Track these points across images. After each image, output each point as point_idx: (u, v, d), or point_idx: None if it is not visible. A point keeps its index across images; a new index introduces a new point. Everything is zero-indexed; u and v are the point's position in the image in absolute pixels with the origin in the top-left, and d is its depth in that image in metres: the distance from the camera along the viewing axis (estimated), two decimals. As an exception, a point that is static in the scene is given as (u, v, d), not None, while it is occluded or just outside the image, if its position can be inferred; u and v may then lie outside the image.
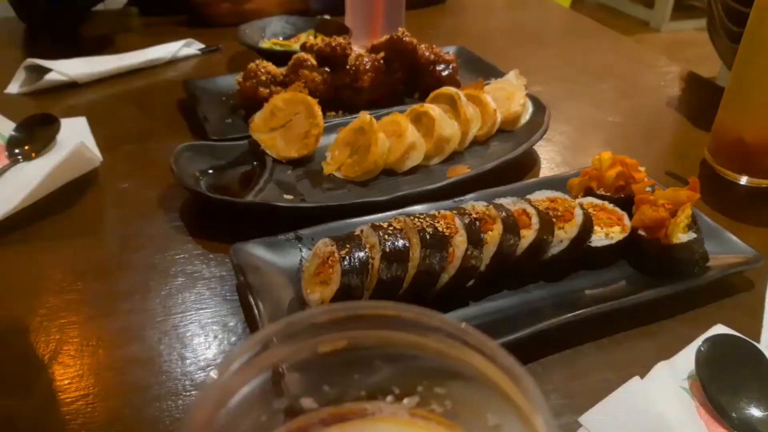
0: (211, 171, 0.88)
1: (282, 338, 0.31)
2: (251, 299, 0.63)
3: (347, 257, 0.62)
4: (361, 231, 0.66)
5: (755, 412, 0.55)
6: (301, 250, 0.71)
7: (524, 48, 1.49)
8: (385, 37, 1.13)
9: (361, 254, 0.62)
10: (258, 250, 0.70)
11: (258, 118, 0.94)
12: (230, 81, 1.10)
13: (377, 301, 0.35)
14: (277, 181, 0.88)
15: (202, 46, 1.37)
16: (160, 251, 0.76)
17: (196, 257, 0.75)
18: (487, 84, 1.07)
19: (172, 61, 1.30)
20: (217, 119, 1.03)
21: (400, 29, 1.13)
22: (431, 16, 1.69)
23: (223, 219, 0.81)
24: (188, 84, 1.14)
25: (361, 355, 0.33)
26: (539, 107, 1.05)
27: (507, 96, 1.04)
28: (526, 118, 1.04)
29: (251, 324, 0.65)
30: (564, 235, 0.70)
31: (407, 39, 1.11)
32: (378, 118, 0.94)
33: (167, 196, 0.86)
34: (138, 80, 1.23)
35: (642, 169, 0.80)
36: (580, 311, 0.64)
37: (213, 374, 0.28)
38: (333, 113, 1.08)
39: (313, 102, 0.93)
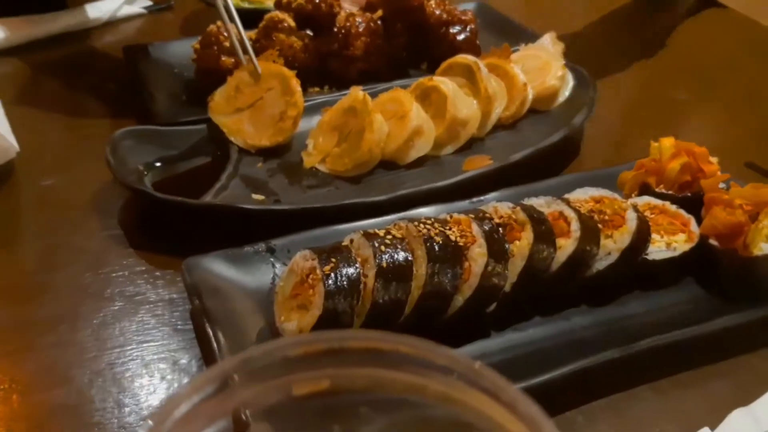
0: (158, 164, 0.88)
1: (245, 376, 0.32)
2: (209, 329, 0.63)
3: (332, 274, 0.62)
4: (351, 241, 0.67)
5: None
6: (273, 266, 0.71)
7: (562, 4, 1.50)
8: (384, -10, 1.13)
9: (351, 271, 0.63)
10: (218, 266, 0.70)
11: (220, 95, 0.94)
12: (185, 48, 1.11)
13: (367, 330, 0.35)
14: (243, 176, 0.88)
15: (148, 2, 1.37)
16: (93, 268, 0.76)
17: (139, 275, 0.75)
18: (514, 51, 1.07)
19: (110, 23, 1.31)
20: (167, 97, 1.04)
21: (402, -20, 1.13)
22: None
23: (173, 226, 0.81)
24: (130, 51, 1.14)
25: (345, 400, 0.33)
26: (582, 80, 1.05)
27: (541, 66, 1.04)
28: (565, 94, 1.05)
29: (209, 361, 0.65)
30: (613, 245, 0.70)
31: (412, -7, 1.12)
32: (374, 95, 0.94)
33: (102, 196, 0.86)
34: (66, 47, 1.23)
35: (714, 159, 0.80)
36: (634, 344, 0.64)
37: (150, 422, 0.28)
38: (316, 89, 1.08)
39: (291, 75, 0.93)
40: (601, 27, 1.40)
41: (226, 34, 1.04)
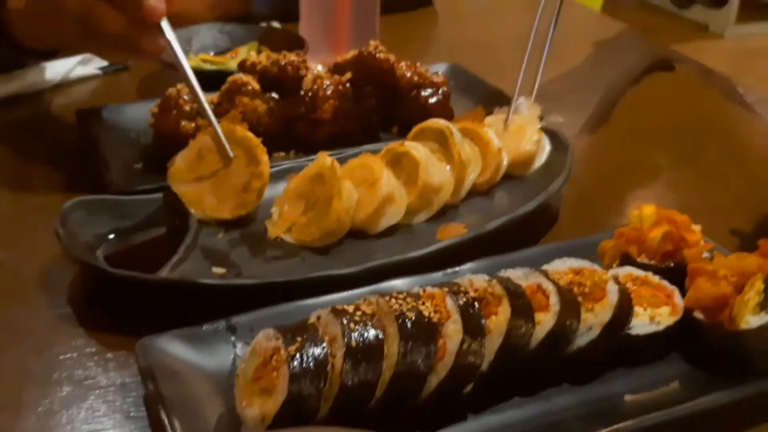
0: (112, 236, 0.88)
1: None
2: (164, 416, 0.62)
3: (298, 355, 0.62)
4: (318, 318, 0.67)
5: None
6: (234, 346, 0.71)
7: (539, 65, 1.54)
8: (353, 52, 1.16)
9: (318, 351, 0.63)
10: (175, 347, 0.69)
11: (181, 160, 0.95)
12: (142, 111, 1.12)
13: (332, 429, 0.35)
14: (203, 248, 0.88)
15: (104, 63, 1.39)
16: (38, 349, 0.75)
17: (89, 357, 0.74)
18: (489, 114, 1.09)
19: (63, 84, 1.32)
20: (122, 164, 1.04)
21: (372, 42, 1.16)
22: (414, 23, 1.74)
23: (127, 302, 0.80)
24: (84, 115, 1.15)
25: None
26: (559, 145, 1.08)
27: (516, 130, 1.07)
28: (541, 160, 1.07)
29: (164, 452, 0.64)
30: (594, 319, 0.71)
31: (382, 55, 1.14)
32: (343, 160, 0.96)
33: (50, 271, 0.86)
34: (14, 111, 1.23)
35: (696, 228, 0.82)
36: (618, 425, 0.64)
37: None
38: (282, 154, 1.10)
39: (257, 143, 0.94)
40: (579, 89, 1.43)
41: (186, 97, 1.05)
